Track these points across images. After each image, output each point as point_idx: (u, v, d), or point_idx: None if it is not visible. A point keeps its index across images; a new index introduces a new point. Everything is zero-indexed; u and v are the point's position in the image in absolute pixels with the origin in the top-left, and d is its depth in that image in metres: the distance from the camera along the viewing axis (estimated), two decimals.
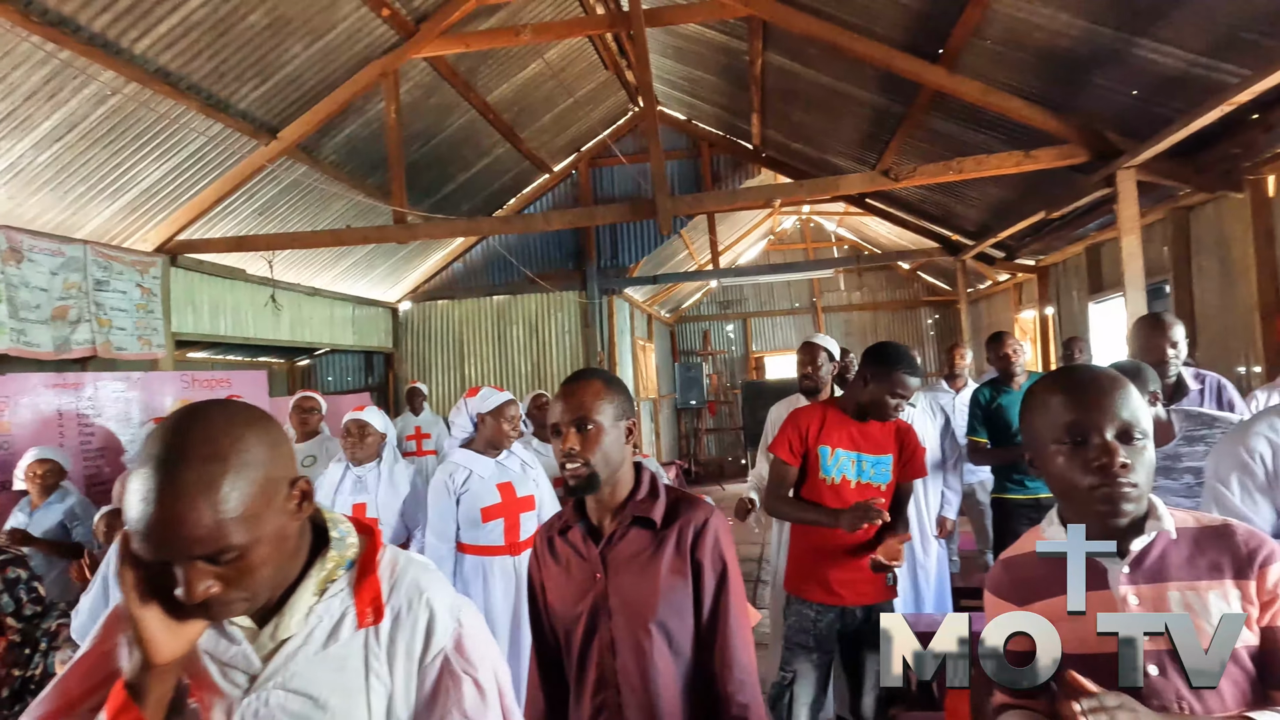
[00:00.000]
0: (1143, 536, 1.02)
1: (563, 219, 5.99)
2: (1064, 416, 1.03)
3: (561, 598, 1.37)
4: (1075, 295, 7.22)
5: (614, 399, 1.34)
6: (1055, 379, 1.11)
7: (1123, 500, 0.99)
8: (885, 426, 2.32)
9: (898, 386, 2.18)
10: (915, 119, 5.53)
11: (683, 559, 1.29)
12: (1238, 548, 0.99)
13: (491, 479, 2.69)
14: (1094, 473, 0.99)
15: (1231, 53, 3.46)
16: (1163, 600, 0.98)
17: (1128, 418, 1.01)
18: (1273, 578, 0.96)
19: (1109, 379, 1.06)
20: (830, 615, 2.28)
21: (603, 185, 8.76)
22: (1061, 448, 1.03)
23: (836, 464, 2.29)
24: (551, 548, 1.41)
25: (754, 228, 11.78)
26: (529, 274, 8.61)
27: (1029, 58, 4.30)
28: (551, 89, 7.02)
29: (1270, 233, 4.32)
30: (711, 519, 1.32)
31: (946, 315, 12.35)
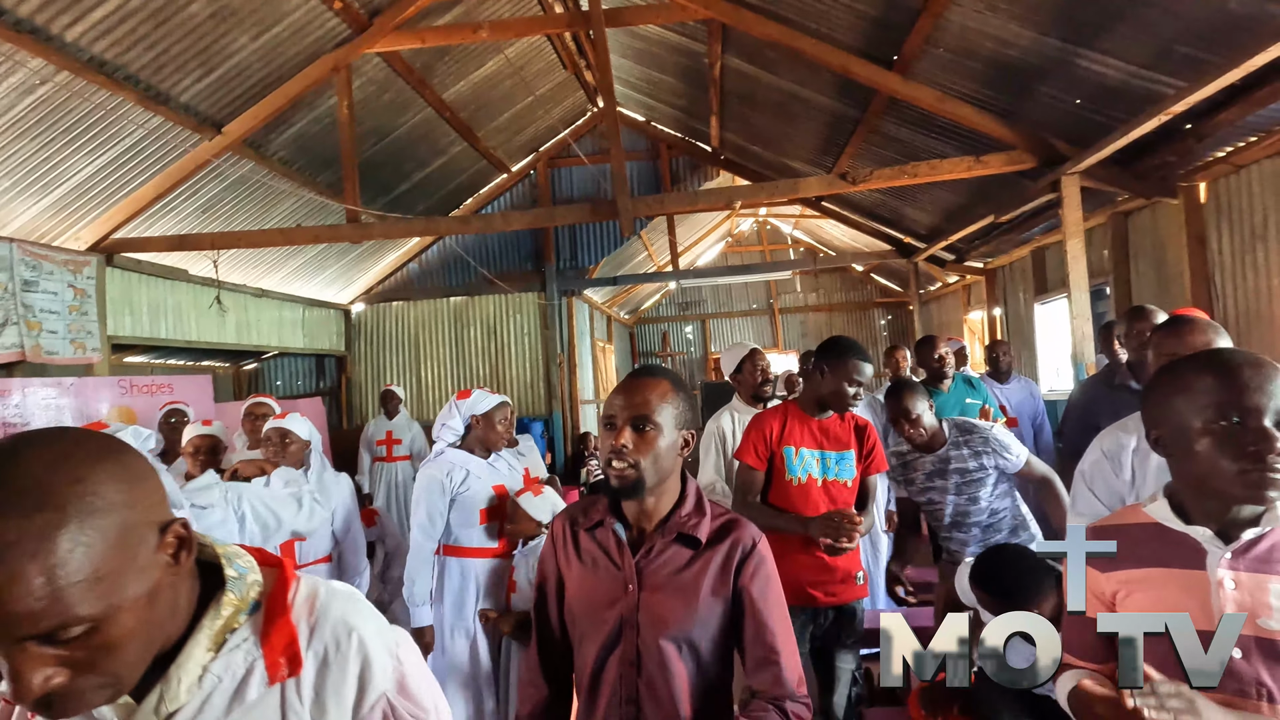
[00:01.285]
0: (1256, 528, 1.03)
1: (522, 219, 5.91)
2: (1217, 397, 1.01)
3: (585, 599, 1.29)
4: (1021, 296, 7.48)
5: (678, 404, 1.26)
6: (1204, 359, 1.08)
7: (1271, 486, 0.98)
8: (845, 423, 2.35)
9: (853, 373, 2.22)
10: (871, 124, 5.64)
11: (725, 583, 1.23)
12: None
13: (488, 480, 2.64)
14: (1247, 457, 0.98)
15: (1168, 65, 3.63)
16: (1262, 588, 0.99)
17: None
18: None
19: (1267, 363, 1.04)
20: (802, 618, 2.28)
21: (561, 186, 8.70)
22: (1212, 429, 1.01)
23: (802, 464, 2.29)
24: (577, 542, 1.32)
25: (712, 230, 11.87)
26: (487, 275, 8.48)
27: (980, 66, 4.43)
28: (509, 88, 6.93)
29: (1202, 237, 4.54)
30: (761, 544, 1.27)
31: (899, 316, 12.67)
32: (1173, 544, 1.07)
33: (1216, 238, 4.43)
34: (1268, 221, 4.03)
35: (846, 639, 2.33)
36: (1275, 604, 0.99)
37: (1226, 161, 4.21)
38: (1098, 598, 1.14)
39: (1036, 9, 3.75)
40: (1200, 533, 1.05)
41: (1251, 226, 4.16)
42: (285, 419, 2.79)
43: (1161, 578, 1.06)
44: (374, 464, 5.90)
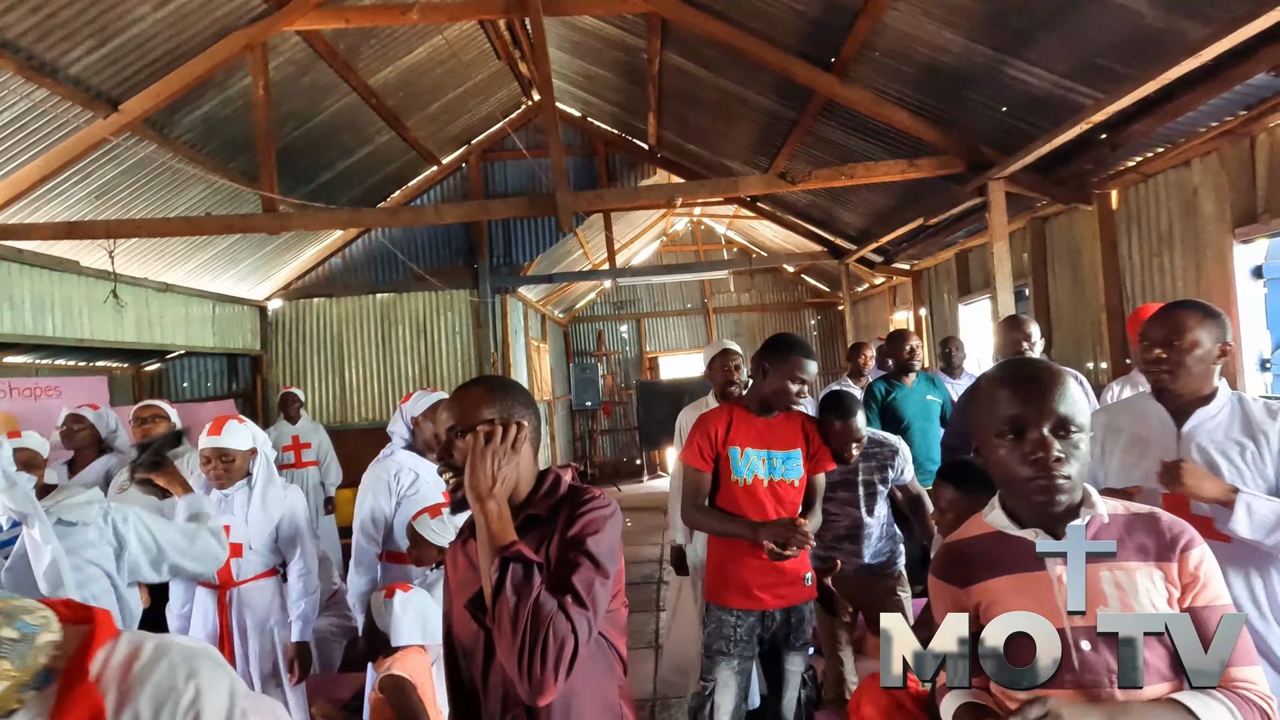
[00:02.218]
0: (1077, 521, 1.07)
1: (456, 212, 5.69)
2: (1006, 410, 1.08)
3: (460, 614, 1.27)
4: (946, 297, 7.78)
5: (497, 405, 1.26)
6: (1001, 373, 1.15)
7: (1057, 491, 1.05)
8: (791, 421, 2.32)
9: (797, 370, 2.20)
10: (808, 125, 5.71)
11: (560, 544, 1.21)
12: (1162, 533, 1.06)
13: (438, 485, 2.47)
14: (1030, 465, 1.05)
15: (1088, 76, 3.80)
16: (1096, 580, 1.03)
17: (1065, 412, 1.06)
18: (1193, 561, 1.02)
19: (1049, 374, 1.09)
20: (750, 619, 2.26)
21: (495, 180, 8.45)
22: (1003, 440, 1.08)
23: (748, 464, 2.25)
24: (455, 560, 1.33)
25: (647, 229, 11.84)
26: (417, 271, 8.15)
27: (914, 71, 4.53)
28: (440, 76, 6.66)
29: (1114, 242, 4.80)
30: (595, 501, 1.24)
31: (828, 316, 13.00)
32: (1014, 549, 1.11)
33: (1127, 243, 4.70)
34: (1173, 229, 4.30)
35: (795, 641, 2.32)
36: (1109, 590, 1.02)
37: (1136, 171, 4.46)
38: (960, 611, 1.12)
39: (969, 16, 3.85)
40: (1032, 534, 1.09)
41: (1158, 233, 4.42)
42: (222, 433, 2.53)
43: (1011, 584, 1.09)
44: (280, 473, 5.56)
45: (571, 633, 1.06)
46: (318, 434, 5.63)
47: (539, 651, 1.03)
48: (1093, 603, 1.03)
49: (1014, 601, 1.08)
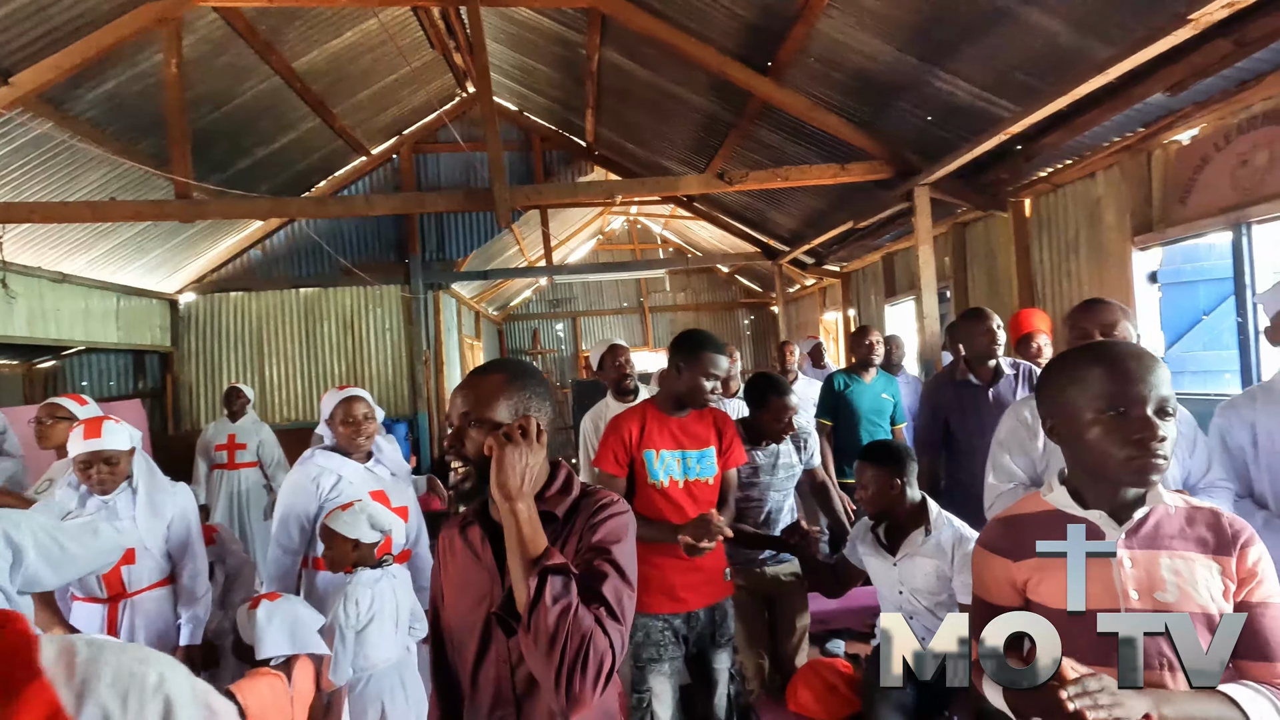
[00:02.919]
0: (1144, 508, 1.10)
1: (388, 204, 5.49)
2: (1105, 388, 1.08)
3: (455, 604, 1.24)
4: (873, 298, 8.08)
5: (516, 395, 1.21)
6: (1093, 352, 1.15)
7: (1154, 471, 1.05)
8: (704, 419, 2.30)
9: (709, 367, 2.17)
10: (744, 127, 5.81)
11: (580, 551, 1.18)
12: (1223, 529, 1.09)
13: (364, 485, 2.37)
14: (1133, 444, 1.05)
15: (1006, 89, 4.02)
16: (1154, 564, 1.07)
17: (1165, 393, 1.07)
18: (1251, 558, 1.06)
19: (1149, 355, 1.10)
20: (677, 621, 2.23)
21: (428, 173, 8.22)
22: (1101, 418, 1.07)
23: (663, 466, 2.22)
24: (452, 547, 1.28)
25: (584, 226, 11.79)
26: (344, 264, 7.83)
27: (846, 78, 4.68)
28: (370, 63, 6.42)
29: (1027, 247, 5.10)
30: (614, 505, 1.21)
31: (761, 316, 13.28)
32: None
33: (1039, 248, 5.00)
34: (1079, 236, 4.60)
35: (721, 638, 2.30)
36: (1168, 577, 1.06)
37: (1047, 181, 4.75)
38: (1011, 586, 1.17)
39: (898, 27, 4.01)
40: (1097, 516, 1.11)
41: (1066, 240, 4.73)
42: (103, 435, 2.31)
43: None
44: (212, 472, 5.21)
45: (610, 647, 1.04)
46: (259, 433, 5.29)
47: (579, 665, 1.00)
48: (1151, 587, 1.07)
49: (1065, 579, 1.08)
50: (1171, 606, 1.05)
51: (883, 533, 2.33)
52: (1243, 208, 3.33)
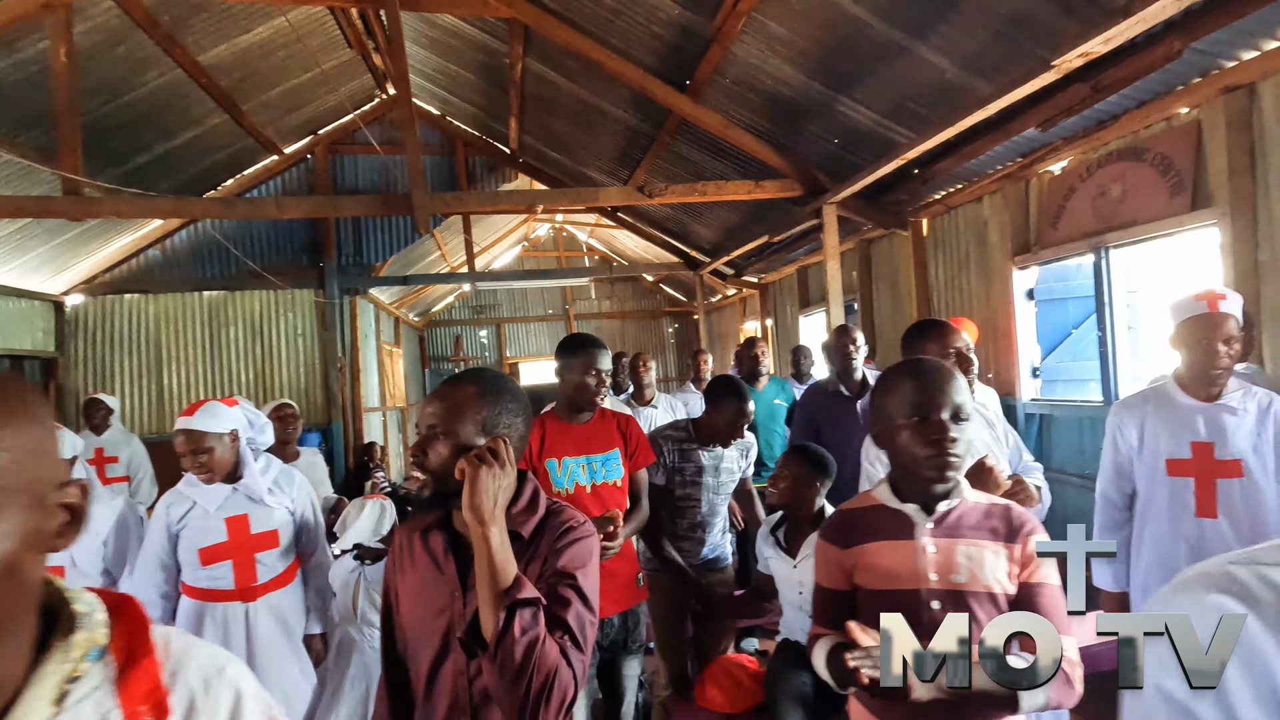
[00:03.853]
0: (948, 501, 1.28)
1: (301, 207, 5.32)
2: (912, 398, 1.26)
3: (413, 610, 1.23)
4: (789, 309, 8.42)
5: (484, 409, 1.20)
6: (906, 368, 1.34)
7: (949, 468, 1.24)
8: (606, 423, 2.31)
9: (591, 363, 2.21)
10: (664, 142, 5.97)
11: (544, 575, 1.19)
12: (1011, 520, 1.28)
13: (219, 512, 2.24)
14: (931, 445, 1.23)
15: (903, 118, 4.33)
16: (953, 550, 1.24)
17: (959, 401, 1.25)
18: (1031, 546, 1.25)
19: (947, 370, 1.29)
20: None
21: (345, 175, 7.98)
22: (908, 423, 1.26)
23: (567, 474, 2.24)
24: (411, 551, 1.26)
25: (509, 233, 11.72)
26: (253, 267, 7.50)
27: (760, 100, 4.91)
28: (283, 60, 6.20)
29: (924, 264, 5.48)
30: (582, 528, 1.23)
31: (684, 325, 13.54)
32: (892, 519, 1.30)
33: (935, 265, 5.38)
34: (969, 255, 4.98)
35: (633, 644, 2.32)
36: (962, 561, 1.24)
37: (941, 203, 5.13)
38: (841, 571, 1.33)
39: (806, 55, 4.25)
40: (911, 509, 1.29)
41: (958, 258, 5.11)
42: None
43: (885, 548, 1.29)
44: None
45: (574, 679, 1.05)
46: (129, 446, 4.96)
47: (544, 698, 1.01)
48: (947, 569, 1.23)
49: (885, 563, 1.27)
50: (962, 586, 1.23)
51: (782, 535, 2.47)
52: (1101, 234, 3.72)
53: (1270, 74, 2.90)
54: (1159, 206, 3.39)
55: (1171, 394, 2.16)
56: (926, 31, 3.60)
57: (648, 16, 4.58)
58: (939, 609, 1.21)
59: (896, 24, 3.65)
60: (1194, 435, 2.10)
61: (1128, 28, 2.63)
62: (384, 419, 9.36)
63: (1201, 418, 2.10)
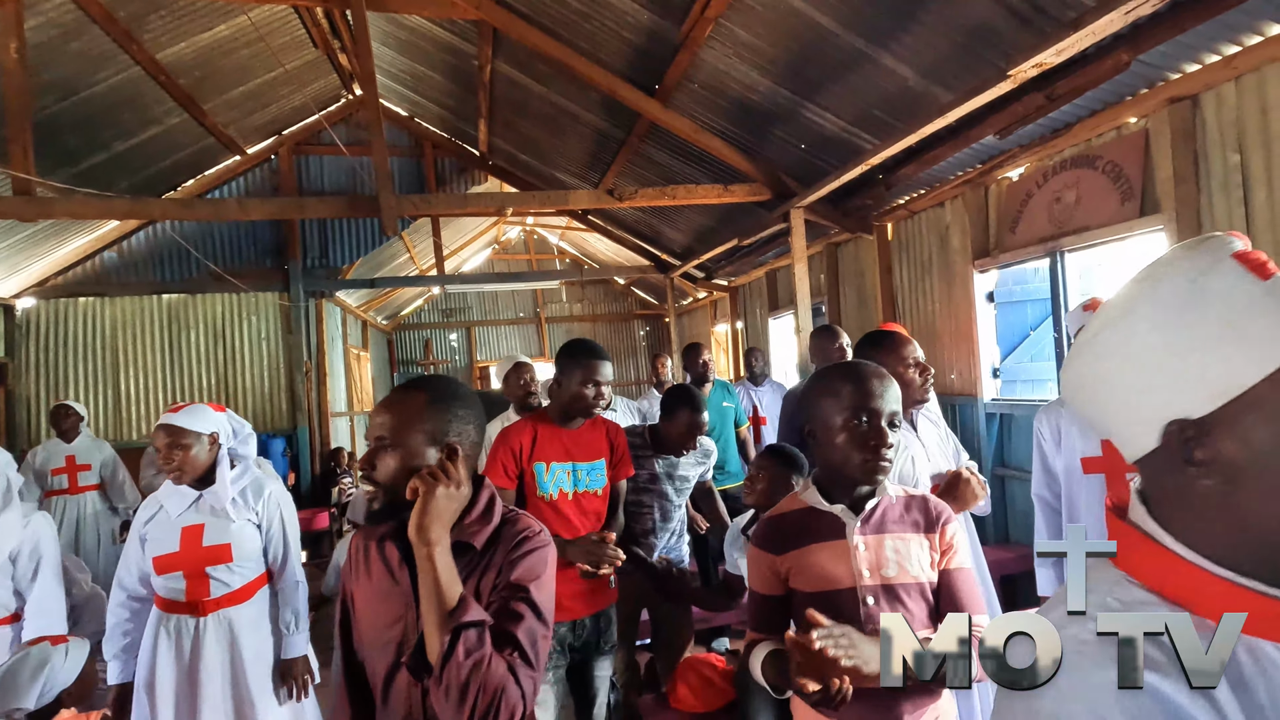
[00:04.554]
0: (873, 500, 1.31)
1: (265, 208, 5.22)
2: (852, 402, 1.28)
3: (368, 619, 1.23)
4: (758, 312, 8.51)
5: (435, 417, 1.18)
6: (845, 371, 1.35)
7: (881, 472, 1.28)
8: (595, 430, 2.30)
9: (591, 374, 2.18)
10: (634, 145, 6.00)
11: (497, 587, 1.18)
12: (929, 510, 1.33)
13: (178, 521, 2.18)
14: (868, 449, 1.26)
15: (867, 124, 4.42)
16: (881, 545, 1.29)
17: (894, 409, 1.29)
18: (949, 533, 1.30)
19: (885, 375, 1.32)
20: (563, 630, 2.20)
21: (310, 175, 7.86)
22: (845, 426, 1.28)
23: (553, 479, 2.22)
24: (367, 558, 1.25)
25: (478, 235, 11.64)
26: (215, 270, 7.33)
27: (728, 105, 4.96)
28: (246, 59, 6.09)
29: (889, 267, 5.59)
30: (537, 537, 1.21)
31: (655, 327, 13.59)
32: (822, 521, 1.33)
33: (899, 269, 5.49)
34: (932, 259, 5.10)
35: (605, 645, 2.31)
36: (890, 557, 1.28)
37: (905, 208, 5.24)
38: (775, 576, 1.35)
39: (772, 61, 4.32)
40: (840, 509, 1.32)
41: (921, 262, 5.22)
42: None
43: (817, 550, 1.31)
44: (47, 498, 4.73)
45: (522, 697, 1.04)
46: (101, 453, 4.82)
47: (491, 718, 1.01)
48: (879, 565, 1.27)
49: (820, 564, 1.29)
50: (893, 580, 1.27)
51: None
52: (1057, 238, 3.84)
53: (1212, 86, 3.03)
54: (1110, 212, 3.51)
55: None
56: (889, 41, 3.68)
57: (617, 21, 4.60)
58: (874, 604, 1.25)
59: (861, 33, 3.73)
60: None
61: (1079, 40, 2.73)
62: (351, 424, 9.22)
63: None
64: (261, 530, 2.29)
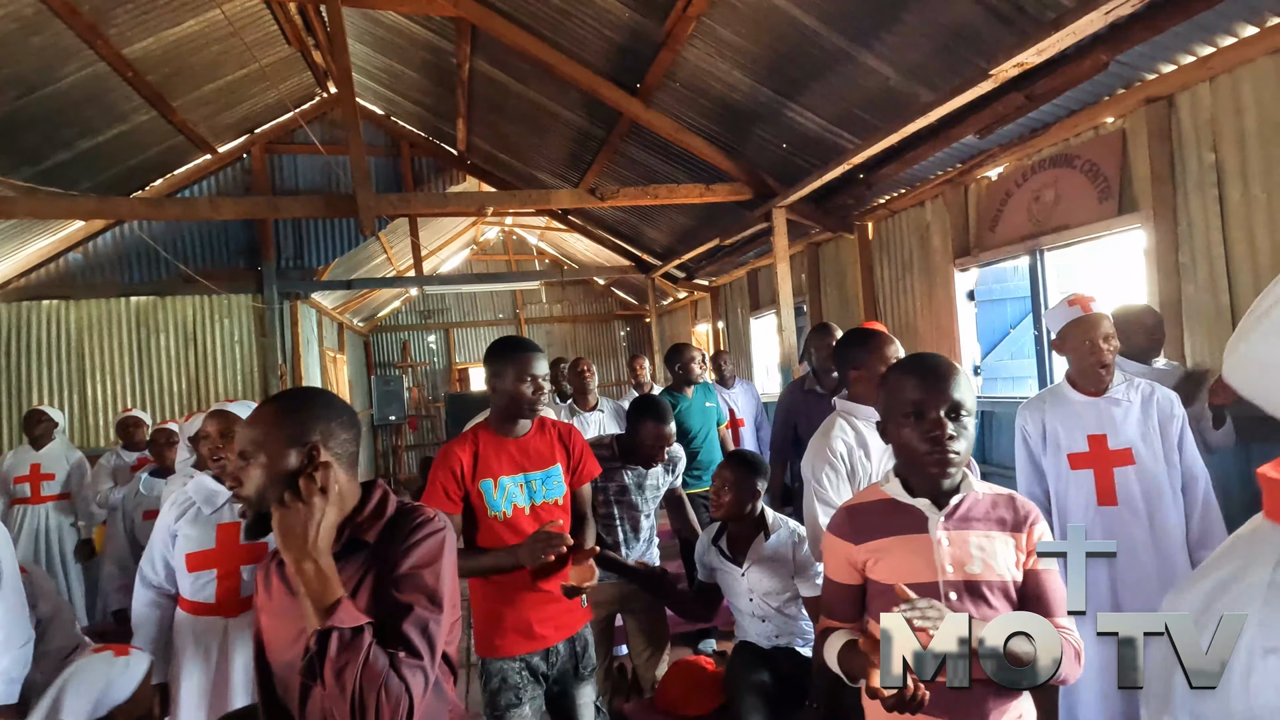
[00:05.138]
0: (958, 495, 1.29)
1: (238, 208, 5.10)
2: (910, 395, 1.28)
3: (275, 640, 1.20)
4: (739, 312, 8.51)
5: (279, 424, 1.19)
6: (908, 364, 1.35)
7: (948, 464, 1.25)
8: (544, 434, 2.09)
9: (528, 369, 1.97)
10: (615, 145, 5.97)
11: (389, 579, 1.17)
12: (1018, 510, 1.30)
13: (214, 517, 2.14)
14: (929, 441, 1.25)
15: (848, 124, 4.43)
16: (965, 541, 1.26)
17: (957, 398, 1.26)
18: (1036, 534, 1.28)
19: (947, 366, 1.30)
20: (535, 659, 2.03)
21: (284, 175, 7.70)
22: (906, 420, 1.28)
23: (504, 495, 2.00)
24: (267, 575, 1.25)
25: (456, 236, 11.51)
26: (185, 271, 7.15)
27: (709, 104, 4.95)
28: (217, 55, 5.94)
29: (870, 266, 5.62)
30: (426, 526, 1.19)
31: (636, 328, 13.56)
32: (903, 514, 1.31)
33: (880, 268, 5.52)
34: (912, 258, 5.13)
35: (585, 670, 2.13)
36: (975, 553, 1.26)
37: (886, 208, 5.27)
38: (852, 566, 1.34)
39: (754, 60, 4.31)
40: (921, 503, 1.30)
41: (902, 261, 5.26)
42: None
43: (899, 543, 1.30)
44: (11, 507, 4.56)
45: (405, 691, 1.05)
46: (69, 460, 4.63)
47: (373, 716, 1.02)
48: (962, 560, 1.25)
49: (900, 557, 1.28)
50: (978, 577, 1.25)
51: (725, 544, 2.47)
52: (1036, 237, 3.88)
53: (1187, 86, 3.07)
54: (1089, 211, 3.56)
55: (1065, 393, 2.29)
56: (871, 40, 3.69)
57: (598, 19, 4.57)
58: (956, 600, 1.23)
59: (843, 32, 3.74)
60: (1088, 429, 2.22)
61: (1059, 40, 2.75)
62: None
63: (1093, 412, 2.23)
64: None
